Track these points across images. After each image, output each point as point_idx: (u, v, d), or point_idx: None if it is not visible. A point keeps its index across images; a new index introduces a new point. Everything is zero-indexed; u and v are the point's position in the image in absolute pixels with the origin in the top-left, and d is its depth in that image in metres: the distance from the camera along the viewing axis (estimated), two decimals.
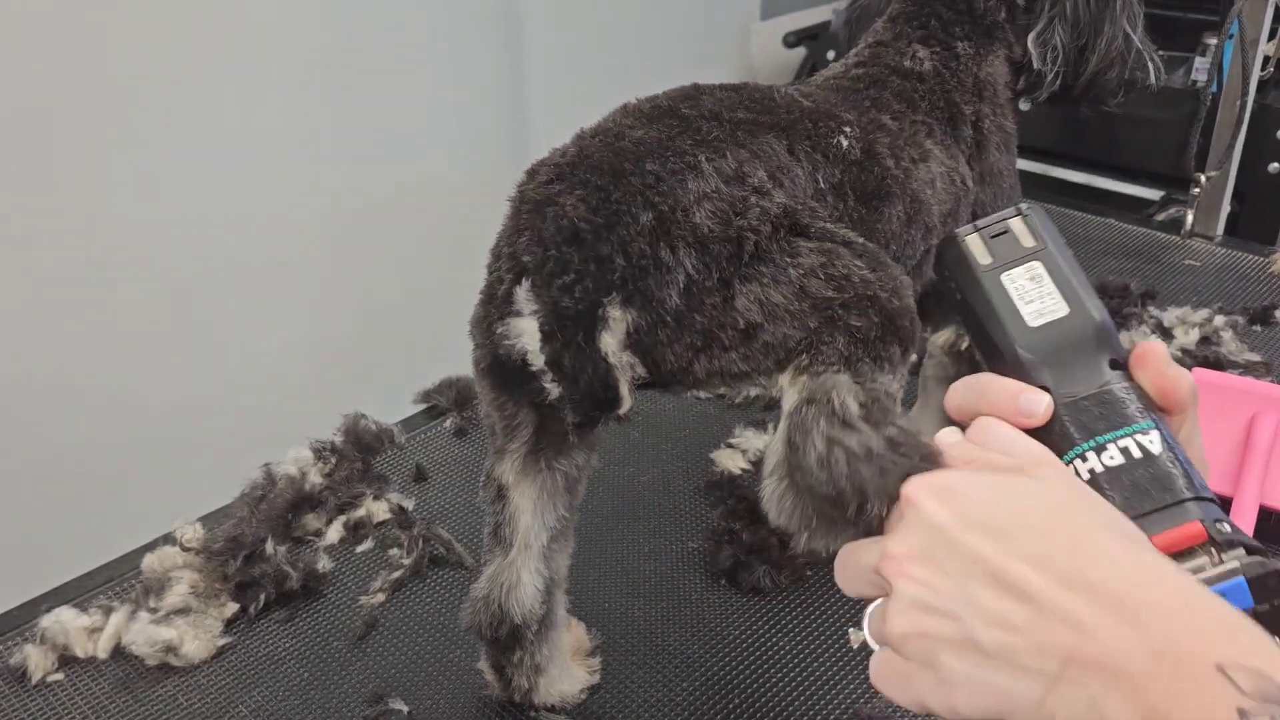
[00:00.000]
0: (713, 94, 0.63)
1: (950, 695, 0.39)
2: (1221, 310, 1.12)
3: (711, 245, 0.54)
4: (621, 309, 0.54)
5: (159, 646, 0.73)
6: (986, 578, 0.39)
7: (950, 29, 0.76)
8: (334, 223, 1.55)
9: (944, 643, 0.39)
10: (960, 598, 0.39)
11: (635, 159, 0.56)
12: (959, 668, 0.39)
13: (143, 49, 1.30)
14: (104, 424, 1.36)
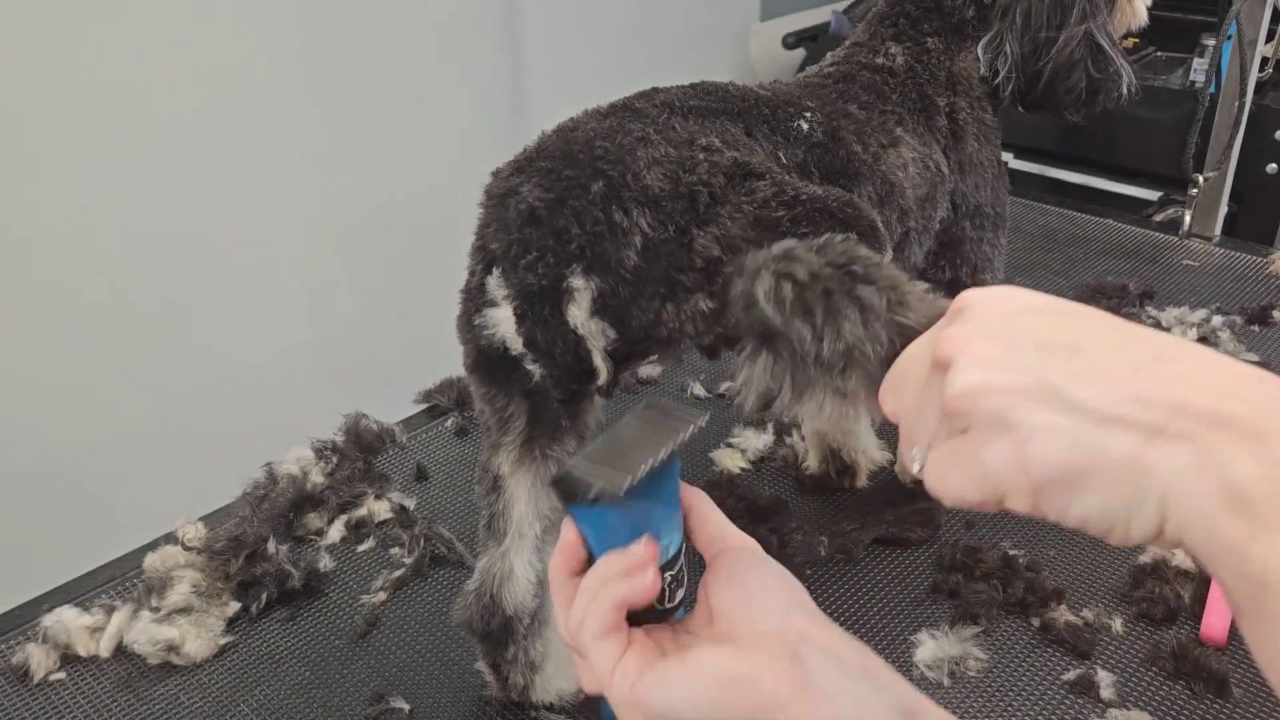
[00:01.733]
0: (668, 90, 0.65)
1: (1025, 452, 0.34)
2: (1219, 310, 1.12)
3: (664, 203, 0.56)
4: (584, 278, 0.56)
5: (161, 645, 0.73)
6: (1063, 350, 0.34)
7: (919, 25, 0.77)
8: (336, 223, 1.55)
9: (1019, 394, 0.34)
10: (1034, 358, 0.34)
11: (586, 143, 0.58)
12: (1038, 419, 0.34)
13: (142, 49, 1.30)
14: (106, 424, 1.36)
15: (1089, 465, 0.33)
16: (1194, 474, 0.32)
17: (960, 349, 0.36)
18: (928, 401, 0.38)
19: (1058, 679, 0.70)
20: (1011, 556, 0.79)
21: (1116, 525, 0.34)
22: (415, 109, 1.63)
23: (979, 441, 0.35)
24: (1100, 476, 0.33)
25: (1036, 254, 1.30)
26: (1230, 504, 0.31)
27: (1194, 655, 0.69)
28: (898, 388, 0.41)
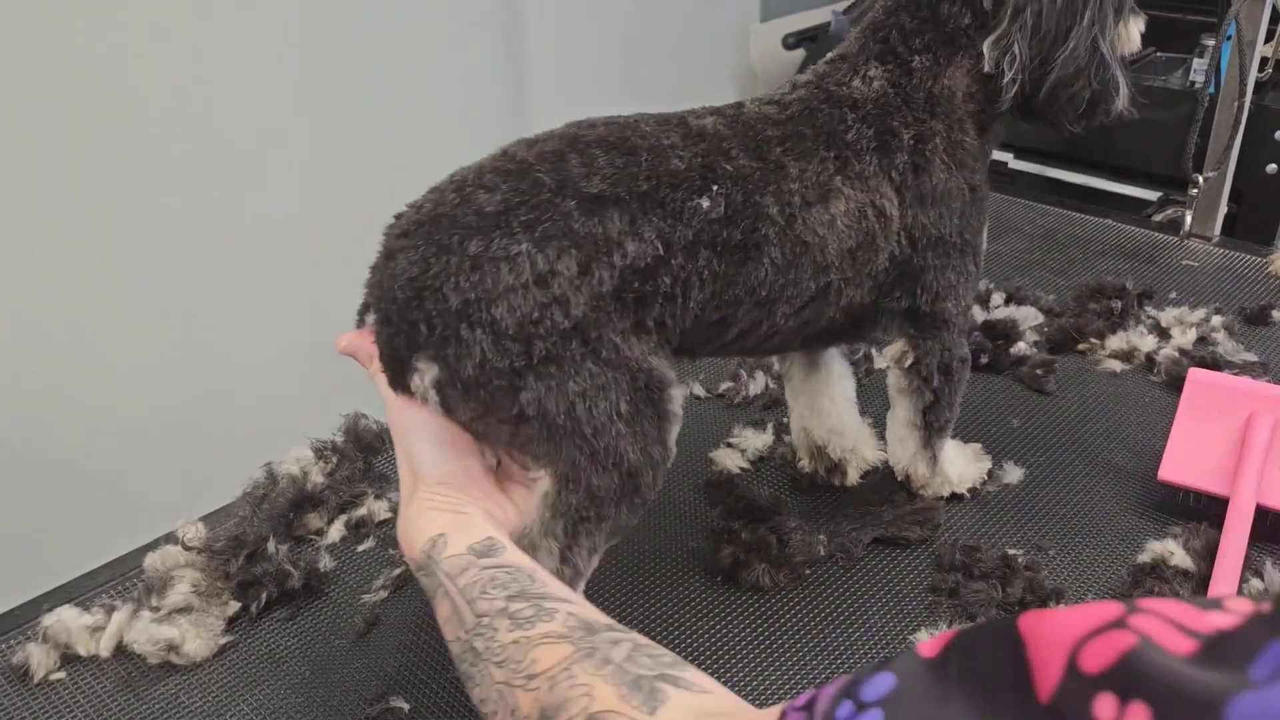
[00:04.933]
0: (587, 150, 0.65)
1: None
2: (1219, 310, 1.12)
3: (503, 340, 0.60)
4: (427, 363, 0.62)
5: (161, 645, 0.73)
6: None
7: (910, 41, 0.75)
8: (336, 223, 1.56)
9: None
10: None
11: (463, 236, 0.62)
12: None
13: (142, 50, 1.30)
14: (106, 423, 1.37)
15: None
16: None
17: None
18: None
19: None
20: (1010, 556, 0.79)
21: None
22: (415, 109, 1.63)
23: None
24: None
25: (1036, 254, 1.30)
26: None
27: None
28: None
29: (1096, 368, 1.06)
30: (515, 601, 0.54)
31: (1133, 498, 0.87)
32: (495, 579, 0.56)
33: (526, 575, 0.56)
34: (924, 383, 0.81)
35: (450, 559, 0.58)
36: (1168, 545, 0.79)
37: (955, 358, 0.80)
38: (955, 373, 0.81)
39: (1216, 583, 0.74)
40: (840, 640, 0.74)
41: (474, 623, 0.55)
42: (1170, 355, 1.05)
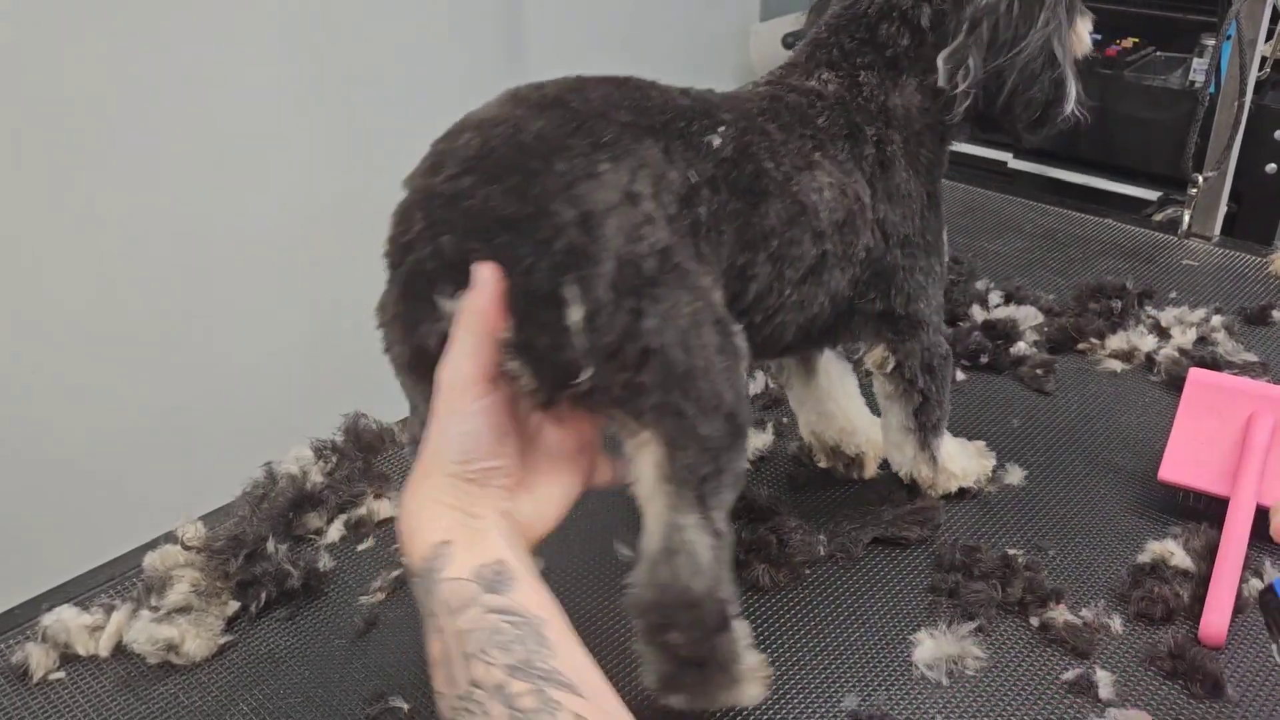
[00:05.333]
0: (597, 88, 0.63)
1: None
2: (1218, 310, 1.12)
3: (620, 258, 0.56)
4: (573, 288, 0.55)
5: (160, 645, 0.73)
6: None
7: (852, 59, 0.74)
8: (335, 222, 1.56)
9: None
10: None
11: (542, 156, 0.57)
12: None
13: (142, 50, 1.30)
14: (106, 423, 1.37)
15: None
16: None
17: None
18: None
19: (1056, 678, 0.70)
20: (1010, 556, 0.79)
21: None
22: (414, 109, 1.63)
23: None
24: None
25: (1036, 254, 1.30)
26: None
27: (1192, 655, 0.70)
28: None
29: (1096, 368, 1.06)
30: (517, 679, 0.48)
31: (1133, 498, 0.87)
32: (498, 634, 0.49)
33: (534, 633, 0.50)
34: (910, 385, 0.81)
35: (451, 584, 0.51)
36: (1168, 545, 0.79)
37: (936, 356, 0.81)
38: (939, 370, 0.81)
39: (1217, 583, 0.74)
40: (840, 640, 0.74)
41: (466, 690, 0.48)
42: (1170, 355, 1.04)
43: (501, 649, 0.48)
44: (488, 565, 0.52)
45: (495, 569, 0.52)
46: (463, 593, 0.51)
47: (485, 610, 0.50)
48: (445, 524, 0.54)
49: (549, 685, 0.47)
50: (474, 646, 0.49)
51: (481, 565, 0.52)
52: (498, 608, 0.50)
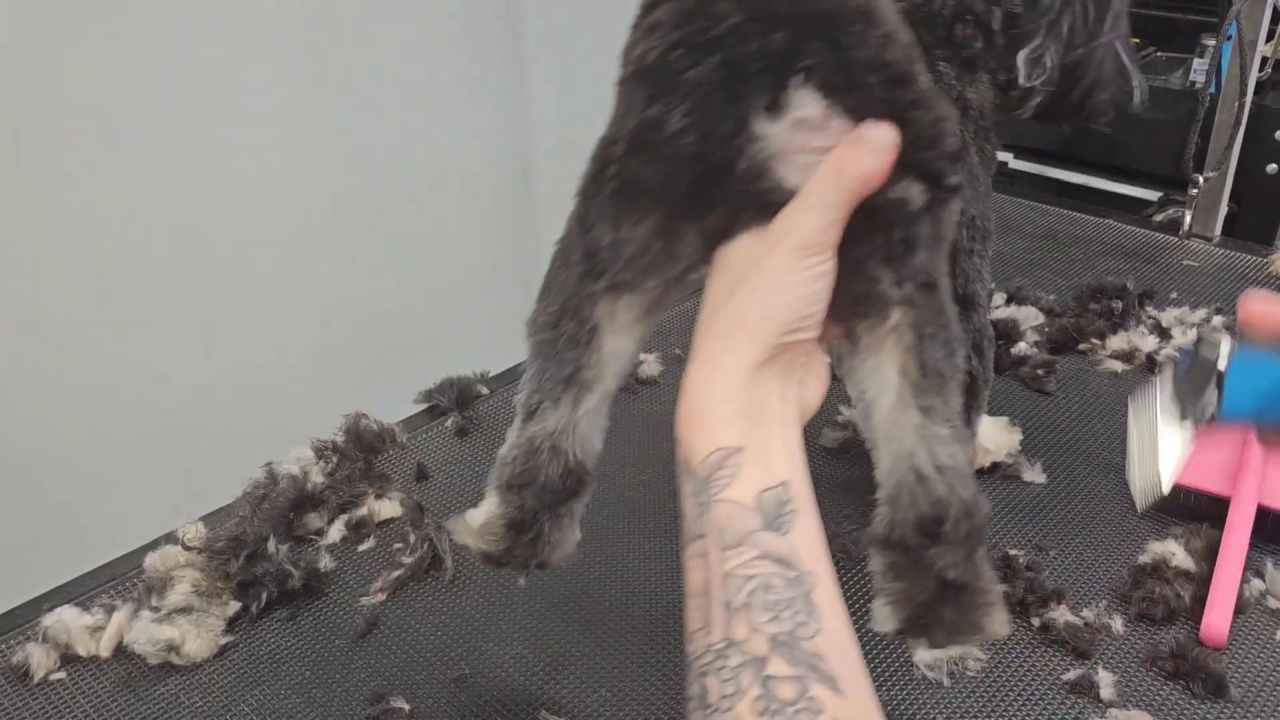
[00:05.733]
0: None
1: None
2: (1219, 311, 1.12)
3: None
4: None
5: (161, 645, 0.73)
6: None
7: (931, 51, 0.75)
8: (335, 222, 1.55)
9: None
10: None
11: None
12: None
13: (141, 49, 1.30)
14: (106, 423, 1.37)
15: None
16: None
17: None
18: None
19: (1057, 679, 0.70)
20: (1011, 556, 0.79)
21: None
22: (414, 109, 1.63)
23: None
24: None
25: (1036, 254, 1.30)
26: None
27: (1193, 655, 0.70)
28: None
29: (1097, 368, 1.06)
30: (779, 657, 0.43)
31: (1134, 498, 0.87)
32: (769, 590, 0.45)
33: (804, 596, 0.45)
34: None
35: (729, 509, 0.46)
36: (1169, 546, 0.79)
37: (985, 338, 0.82)
38: (986, 352, 0.82)
39: (1218, 584, 0.74)
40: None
41: (721, 644, 0.44)
42: (1171, 355, 1.04)
43: (769, 611, 0.44)
44: (772, 490, 0.47)
45: (779, 496, 0.47)
46: (740, 524, 0.46)
47: (759, 554, 0.46)
48: (738, 424, 0.48)
49: (811, 677, 0.43)
50: (740, 598, 0.45)
51: (765, 489, 0.47)
52: (774, 554, 0.46)
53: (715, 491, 0.47)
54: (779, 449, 0.49)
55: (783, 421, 0.50)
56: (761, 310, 0.49)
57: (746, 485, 0.47)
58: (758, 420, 0.49)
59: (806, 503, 0.49)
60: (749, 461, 0.47)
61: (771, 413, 0.49)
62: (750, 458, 0.48)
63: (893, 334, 0.54)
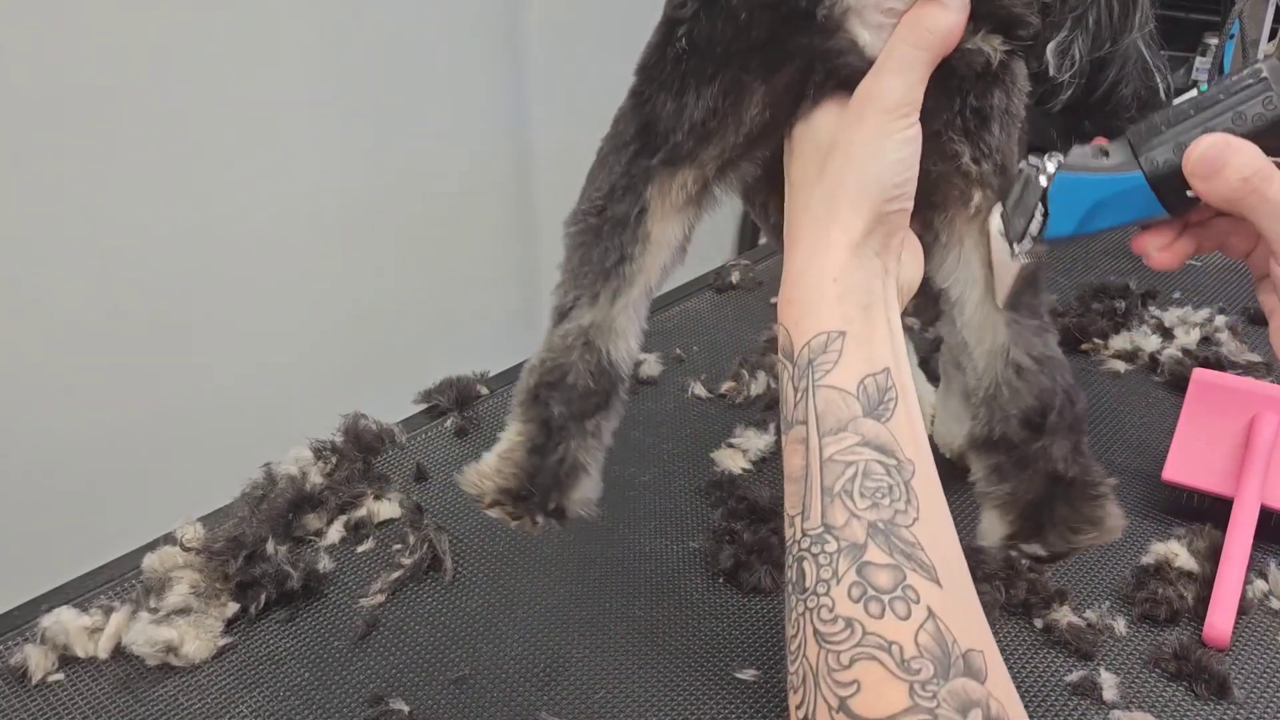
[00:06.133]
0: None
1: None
2: (1222, 310, 1.12)
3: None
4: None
5: (159, 646, 0.73)
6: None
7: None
8: (334, 223, 1.55)
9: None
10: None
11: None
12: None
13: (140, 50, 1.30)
14: (104, 424, 1.36)
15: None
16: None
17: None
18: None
19: (1060, 680, 0.70)
20: (1014, 558, 0.79)
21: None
22: (414, 111, 1.63)
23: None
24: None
25: None
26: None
27: (1197, 656, 0.69)
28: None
29: (1100, 368, 1.06)
30: (876, 544, 0.42)
31: (1136, 499, 0.86)
32: (869, 477, 0.44)
33: (903, 485, 0.45)
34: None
35: (831, 395, 0.46)
36: (1171, 546, 0.78)
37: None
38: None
39: (1221, 584, 0.74)
40: None
41: (818, 530, 0.44)
42: (1174, 355, 1.04)
43: (868, 498, 0.44)
44: (874, 375, 0.47)
45: (881, 382, 0.47)
46: (842, 411, 0.46)
47: (860, 441, 0.45)
48: (843, 307, 0.48)
49: (908, 565, 0.43)
50: (839, 484, 0.44)
51: (868, 375, 0.47)
52: (874, 441, 0.45)
53: (818, 377, 0.47)
54: (882, 334, 0.48)
55: (886, 304, 0.49)
56: (859, 179, 0.49)
57: (849, 371, 0.46)
58: (862, 303, 0.48)
59: (907, 390, 0.48)
60: (852, 347, 0.47)
61: (875, 294, 0.49)
62: (853, 343, 0.47)
63: (974, 222, 0.53)
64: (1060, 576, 0.78)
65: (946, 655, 0.41)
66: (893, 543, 0.43)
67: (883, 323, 0.49)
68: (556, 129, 1.78)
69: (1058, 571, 0.79)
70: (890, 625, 0.41)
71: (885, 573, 0.42)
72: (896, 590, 0.42)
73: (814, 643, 0.42)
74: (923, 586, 0.42)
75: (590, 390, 0.57)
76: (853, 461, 0.45)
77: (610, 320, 0.56)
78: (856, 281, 0.48)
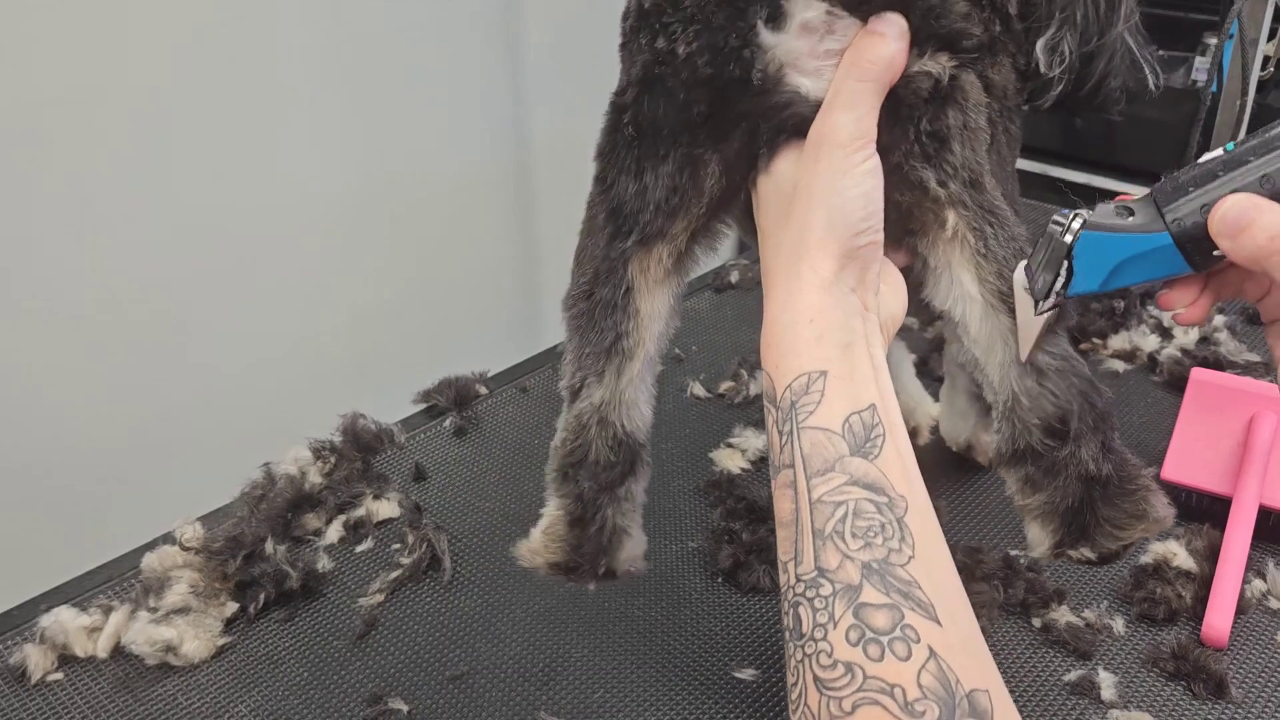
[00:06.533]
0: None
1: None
2: (1221, 310, 1.12)
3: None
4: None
5: (159, 646, 0.73)
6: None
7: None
8: (333, 222, 1.55)
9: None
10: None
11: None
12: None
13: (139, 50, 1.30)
14: (103, 424, 1.36)
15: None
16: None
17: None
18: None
19: (1059, 680, 0.70)
20: (1012, 557, 0.79)
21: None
22: (413, 109, 1.63)
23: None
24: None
25: None
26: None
27: (1195, 656, 0.69)
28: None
29: (1099, 368, 1.06)
30: (872, 585, 0.42)
31: None
32: (860, 517, 0.44)
33: (896, 522, 0.44)
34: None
35: (816, 436, 0.46)
36: (1170, 546, 0.78)
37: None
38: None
39: (1219, 584, 0.74)
40: None
41: (812, 575, 0.43)
42: (1172, 355, 1.04)
43: (860, 538, 0.43)
44: (859, 413, 0.46)
45: (866, 419, 0.46)
46: (828, 451, 0.45)
47: (849, 480, 0.45)
48: (822, 347, 0.48)
49: (906, 604, 0.42)
50: (830, 526, 0.44)
51: (853, 413, 0.46)
52: (863, 480, 0.45)
53: (801, 419, 0.46)
54: (864, 371, 0.48)
55: (867, 340, 0.49)
56: (825, 218, 0.49)
57: (833, 410, 0.46)
58: (842, 342, 0.48)
59: (895, 426, 0.48)
60: (835, 386, 0.47)
61: (855, 332, 0.49)
62: (836, 382, 0.47)
63: (955, 242, 0.54)
64: (1058, 576, 0.78)
65: (951, 696, 0.40)
66: (888, 582, 0.42)
67: (865, 360, 0.48)
68: (557, 128, 1.78)
69: (1056, 571, 0.79)
70: (891, 667, 0.40)
71: (883, 613, 0.42)
72: (895, 630, 0.41)
73: (815, 690, 0.41)
74: (922, 626, 0.42)
75: (612, 463, 0.59)
76: (842, 501, 0.44)
77: (619, 395, 0.59)
78: (834, 320, 0.48)
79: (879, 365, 0.49)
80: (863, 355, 0.48)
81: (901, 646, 0.41)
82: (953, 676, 0.41)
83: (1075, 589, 0.77)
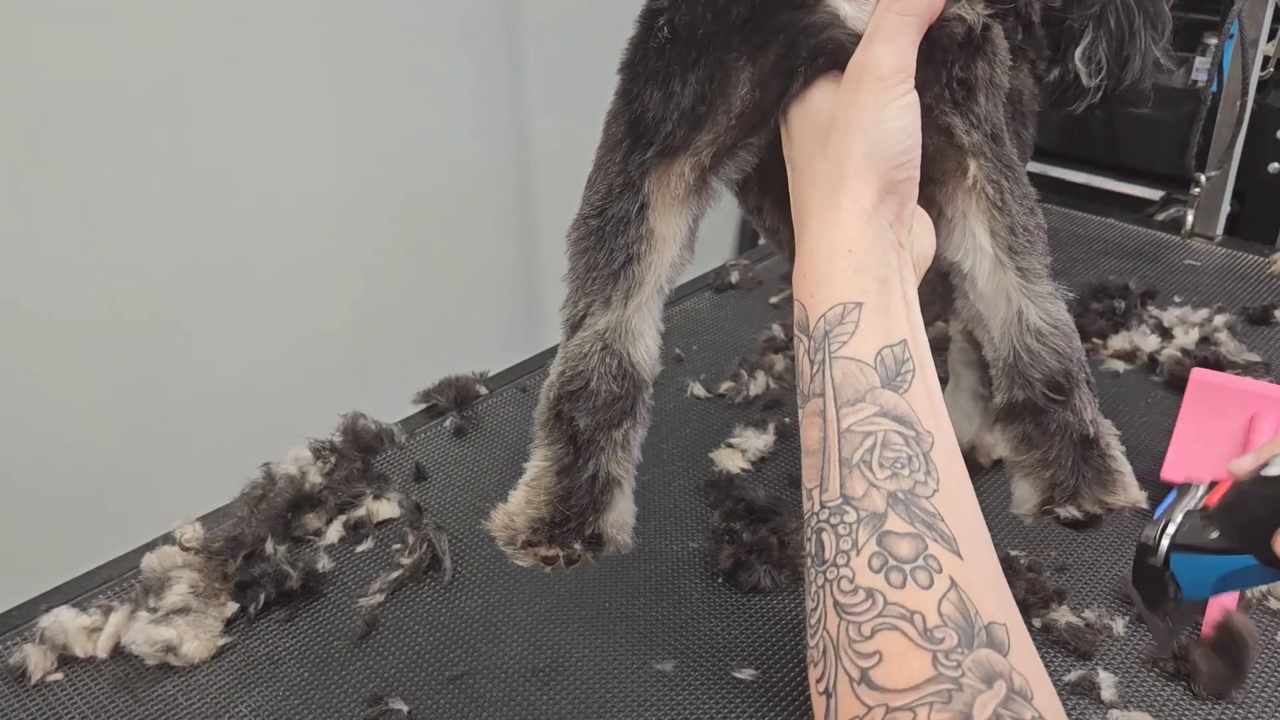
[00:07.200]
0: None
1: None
2: (1221, 310, 1.12)
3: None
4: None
5: (158, 646, 0.73)
6: None
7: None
8: (334, 223, 1.55)
9: None
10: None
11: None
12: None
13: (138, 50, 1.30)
14: (103, 424, 1.36)
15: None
16: None
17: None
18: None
19: (1059, 680, 0.70)
20: (1013, 557, 0.79)
21: None
22: (413, 109, 1.63)
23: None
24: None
25: None
26: None
27: (1195, 656, 0.69)
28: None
29: (1099, 368, 1.05)
30: (896, 513, 0.42)
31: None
32: (888, 448, 0.44)
33: (923, 455, 0.44)
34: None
35: (848, 366, 0.46)
36: None
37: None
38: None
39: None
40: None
41: (837, 501, 0.43)
42: (1173, 355, 1.04)
43: (887, 468, 0.43)
44: (891, 347, 0.46)
45: (898, 354, 0.46)
46: (859, 382, 0.45)
47: (879, 412, 0.45)
48: (859, 279, 0.47)
49: (930, 535, 0.42)
50: (858, 455, 0.44)
51: (885, 346, 0.46)
52: (893, 412, 0.45)
53: (835, 348, 0.46)
54: (898, 306, 0.48)
55: (901, 276, 0.49)
56: (864, 150, 0.49)
57: (866, 342, 0.46)
58: (878, 276, 0.48)
59: (925, 362, 0.48)
60: (869, 318, 0.47)
61: (891, 267, 0.48)
62: (870, 314, 0.47)
63: (974, 192, 0.54)
64: (1059, 576, 0.78)
65: (970, 625, 0.40)
66: (913, 512, 0.42)
67: (899, 295, 0.48)
68: (556, 128, 1.78)
69: (1056, 571, 0.79)
70: (912, 595, 0.40)
71: (906, 542, 0.42)
72: (918, 560, 0.41)
73: (834, 615, 0.41)
74: (944, 557, 0.42)
75: (615, 396, 0.55)
76: (871, 432, 0.44)
77: (626, 322, 0.55)
78: (872, 254, 0.48)
79: (911, 302, 0.49)
80: (897, 290, 0.48)
81: (924, 575, 0.41)
82: (973, 608, 0.41)
83: (1075, 589, 0.77)
